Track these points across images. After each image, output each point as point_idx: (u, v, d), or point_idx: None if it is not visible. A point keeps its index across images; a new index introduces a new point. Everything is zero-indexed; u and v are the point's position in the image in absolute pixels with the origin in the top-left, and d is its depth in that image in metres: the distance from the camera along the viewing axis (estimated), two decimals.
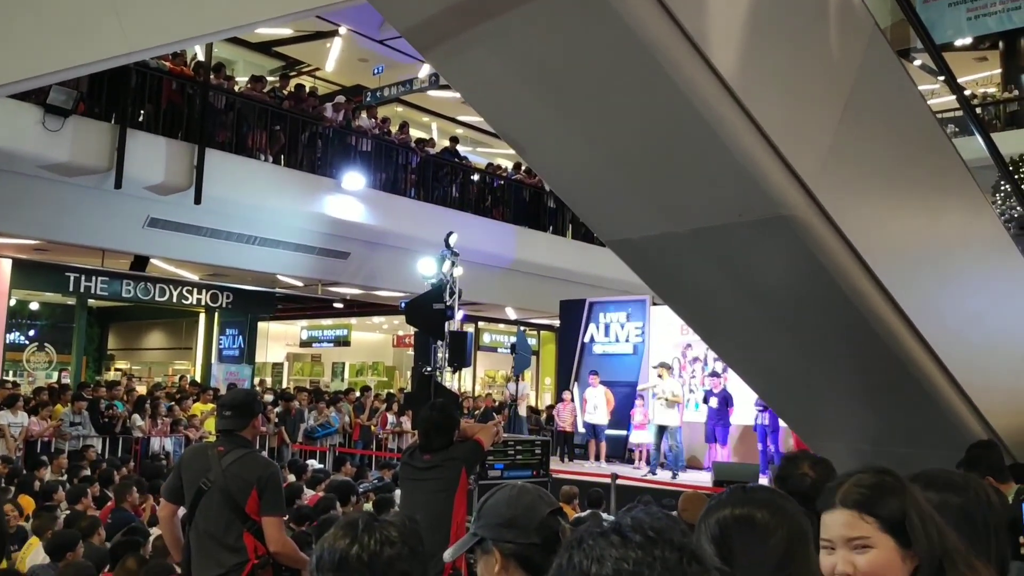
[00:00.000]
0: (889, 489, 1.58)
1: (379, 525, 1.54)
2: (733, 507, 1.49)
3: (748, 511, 1.47)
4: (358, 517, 1.57)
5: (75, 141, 11.17)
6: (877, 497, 1.57)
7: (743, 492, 1.55)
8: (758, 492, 1.56)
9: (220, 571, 3.64)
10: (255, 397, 4.39)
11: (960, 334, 5.06)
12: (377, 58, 18.52)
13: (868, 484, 1.59)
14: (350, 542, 1.51)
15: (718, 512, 1.49)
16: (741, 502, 1.50)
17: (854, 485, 1.57)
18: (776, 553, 1.42)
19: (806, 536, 1.49)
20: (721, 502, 1.52)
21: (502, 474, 5.63)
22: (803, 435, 7.37)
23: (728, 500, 1.52)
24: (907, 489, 1.61)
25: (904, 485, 1.61)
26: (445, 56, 4.30)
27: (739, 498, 1.52)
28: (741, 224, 4.21)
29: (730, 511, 1.48)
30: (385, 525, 1.55)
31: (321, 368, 24.65)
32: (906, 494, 1.58)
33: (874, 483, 1.59)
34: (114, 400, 13.07)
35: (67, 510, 7.48)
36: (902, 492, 1.59)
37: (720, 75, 3.66)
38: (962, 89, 6.00)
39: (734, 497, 1.53)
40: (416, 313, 10.26)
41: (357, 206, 14.51)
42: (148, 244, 13.54)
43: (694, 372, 13.87)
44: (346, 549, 1.50)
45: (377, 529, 1.53)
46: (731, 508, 1.49)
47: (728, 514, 1.47)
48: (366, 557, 1.49)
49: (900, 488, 1.60)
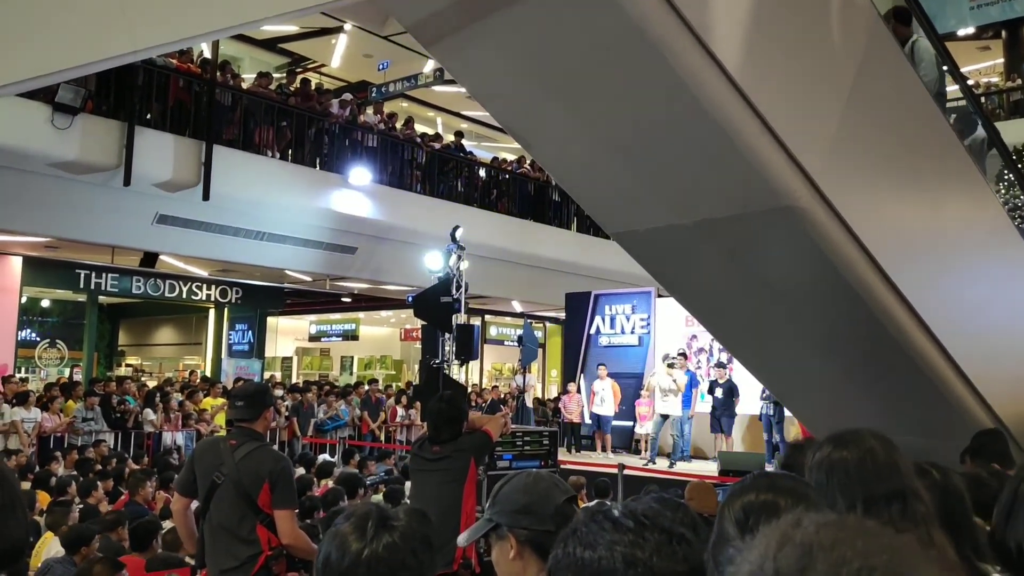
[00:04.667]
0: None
1: (390, 523, 1.51)
2: (758, 492, 1.51)
3: (773, 497, 1.49)
4: (368, 513, 1.54)
5: (84, 139, 11.23)
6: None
7: (769, 478, 1.59)
8: (784, 480, 1.58)
9: (235, 563, 3.69)
10: (267, 389, 4.45)
11: (965, 323, 5.09)
12: (382, 54, 18.55)
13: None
14: (361, 543, 1.48)
15: (743, 497, 1.52)
16: (766, 488, 1.53)
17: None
18: None
19: None
20: (745, 487, 1.55)
21: (510, 464, 5.68)
22: (808, 425, 7.41)
23: (753, 485, 1.55)
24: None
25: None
26: (451, 51, 4.34)
27: (764, 484, 1.55)
28: (745, 215, 4.24)
29: (755, 496, 1.50)
30: (396, 521, 1.52)
31: (330, 362, 24.74)
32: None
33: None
34: (125, 395, 13.17)
35: (80, 504, 7.57)
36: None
37: (723, 67, 3.69)
38: (964, 78, 6.01)
39: (759, 483, 1.55)
40: (424, 306, 10.31)
41: (364, 201, 14.56)
42: (157, 241, 13.61)
43: (699, 363, 13.90)
44: (358, 551, 1.47)
45: (388, 529, 1.50)
46: (756, 493, 1.51)
47: (753, 499, 1.49)
48: (377, 557, 1.46)
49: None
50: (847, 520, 0.62)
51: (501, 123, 4.87)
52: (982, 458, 3.64)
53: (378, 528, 1.50)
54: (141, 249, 14.37)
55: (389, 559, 1.47)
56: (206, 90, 12.84)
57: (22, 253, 14.67)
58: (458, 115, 23.00)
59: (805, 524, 0.63)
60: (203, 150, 12.39)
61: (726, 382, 12.43)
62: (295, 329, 24.39)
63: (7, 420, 11.12)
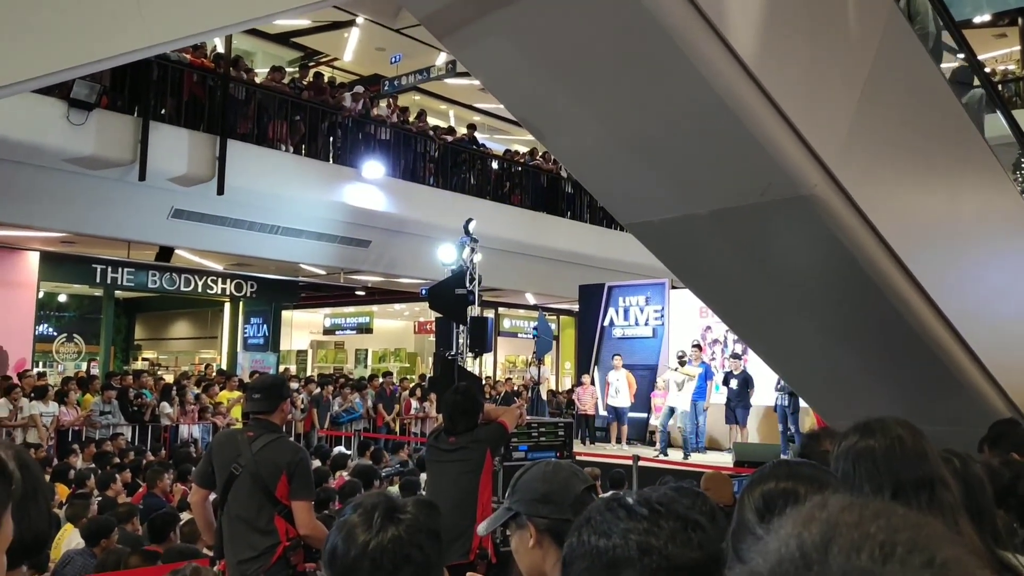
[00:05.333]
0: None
1: (396, 515, 1.50)
2: (778, 481, 1.50)
3: (793, 485, 1.48)
4: (376, 504, 1.52)
5: (99, 134, 11.29)
6: None
7: (788, 466, 1.58)
8: (803, 467, 1.57)
9: (253, 554, 3.72)
10: (284, 381, 4.47)
11: (982, 310, 5.06)
12: (395, 47, 18.54)
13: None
14: (367, 535, 1.47)
15: (763, 485, 1.51)
16: (787, 476, 1.52)
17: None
18: None
19: None
20: (765, 475, 1.54)
21: (526, 455, 5.69)
22: (825, 415, 7.38)
23: (772, 473, 1.54)
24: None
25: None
26: (463, 43, 4.34)
27: (785, 472, 1.54)
28: (761, 205, 4.22)
29: (775, 484, 1.49)
30: (402, 514, 1.51)
31: (344, 355, 24.83)
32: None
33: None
34: (142, 389, 13.27)
35: (98, 497, 7.64)
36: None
37: (739, 56, 3.67)
38: (983, 65, 5.96)
39: (780, 471, 1.54)
40: (438, 299, 10.32)
41: (377, 194, 14.59)
42: (172, 235, 13.68)
43: (714, 354, 13.86)
44: (364, 543, 1.46)
45: (394, 521, 1.49)
46: (776, 481, 1.50)
47: (773, 487, 1.49)
48: (383, 549, 1.46)
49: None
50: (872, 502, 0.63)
51: (514, 114, 4.86)
52: (1000, 447, 3.62)
53: (385, 520, 1.49)
54: (156, 243, 14.44)
55: (394, 552, 1.46)
56: (220, 85, 12.89)
57: (39, 248, 14.77)
58: (471, 108, 22.97)
59: (831, 504, 0.64)
60: (217, 144, 12.44)
61: (741, 373, 12.41)
62: (310, 323, 24.48)
63: (26, 414, 11.23)
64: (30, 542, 1.38)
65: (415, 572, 1.47)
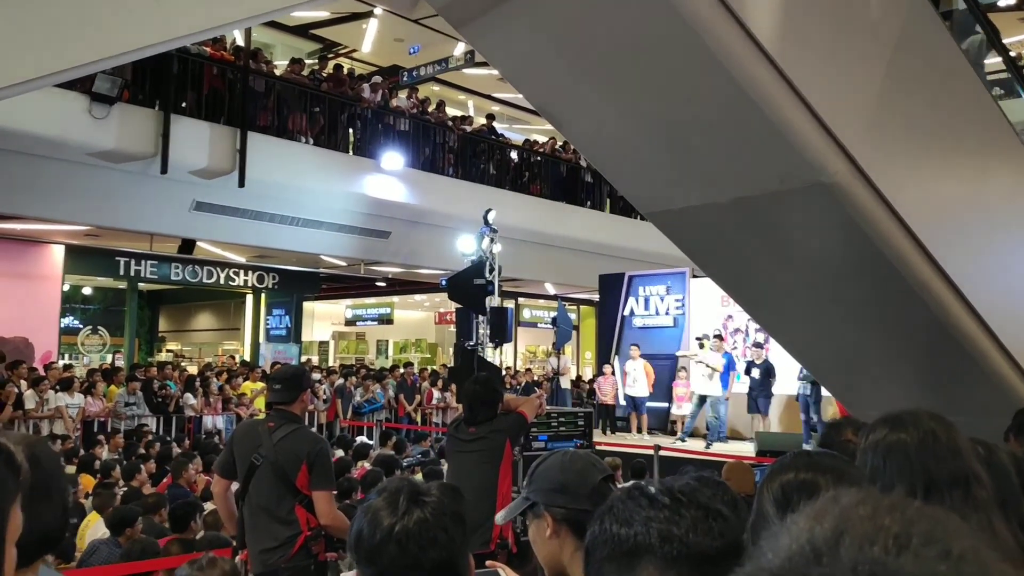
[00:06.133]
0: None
1: (421, 498, 1.51)
2: (798, 471, 1.48)
3: (813, 476, 1.46)
4: (401, 488, 1.52)
5: (121, 128, 11.37)
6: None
7: (808, 457, 1.55)
8: (824, 458, 1.55)
9: (274, 543, 3.74)
10: (304, 372, 4.49)
11: (1007, 298, 4.99)
12: (413, 37, 18.52)
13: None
14: (392, 518, 1.47)
15: (782, 475, 1.49)
16: (807, 467, 1.49)
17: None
18: None
19: None
20: (785, 466, 1.52)
21: (546, 445, 5.69)
22: (847, 404, 7.32)
23: (793, 464, 1.51)
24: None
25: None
26: (481, 32, 4.32)
27: (804, 462, 1.51)
28: (782, 192, 4.19)
29: (794, 475, 1.47)
30: (427, 497, 1.51)
31: (366, 346, 24.95)
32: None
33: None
34: (166, 380, 13.40)
35: (124, 487, 7.72)
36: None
37: (758, 42, 3.63)
38: (1007, 50, 5.86)
39: (799, 461, 1.52)
40: (458, 289, 10.33)
41: (397, 185, 14.61)
42: (195, 227, 13.78)
43: (735, 343, 13.79)
44: (389, 526, 1.46)
45: (419, 504, 1.49)
46: (795, 472, 1.48)
47: (792, 478, 1.47)
48: (408, 532, 1.46)
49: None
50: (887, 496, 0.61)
51: (533, 104, 4.84)
52: None
53: (410, 503, 1.49)
54: (179, 236, 14.56)
55: (420, 535, 1.47)
56: (239, 77, 12.94)
57: (63, 241, 14.93)
58: (490, 98, 22.92)
59: (844, 498, 0.62)
60: (238, 137, 12.50)
61: (763, 362, 12.34)
62: (331, 314, 24.61)
63: (52, 406, 11.37)
64: (39, 537, 1.37)
65: (440, 555, 1.48)
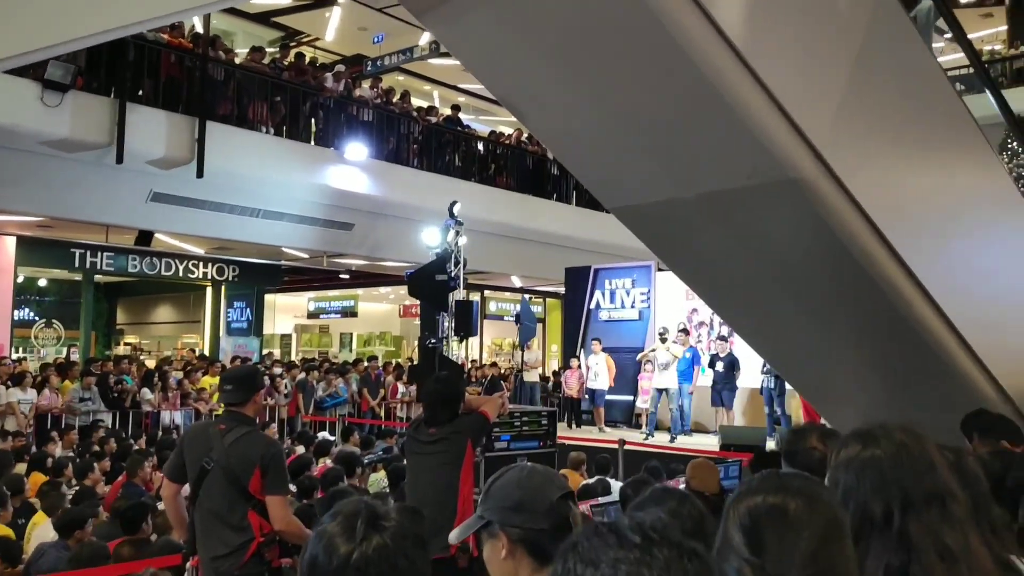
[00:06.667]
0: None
1: (380, 523, 1.42)
2: (766, 495, 1.39)
3: (782, 500, 1.37)
4: (357, 512, 1.43)
5: (75, 116, 11.08)
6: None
7: (777, 478, 1.45)
8: (793, 480, 1.44)
9: (226, 550, 3.61)
10: (257, 372, 4.35)
11: (971, 295, 4.98)
12: (377, 26, 18.31)
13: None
14: (350, 545, 1.38)
15: (749, 499, 1.39)
16: (775, 490, 1.40)
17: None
18: (809, 547, 1.31)
19: (842, 530, 1.38)
20: (752, 489, 1.42)
21: (508, 445, 5.59)
22: (813, 400, 7.33)
23: (760, 487, 1.41)
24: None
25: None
26: (443, 21, 4.20)
27: (773, 485, 1.42)
28: (749, 188, 4.12)
29: (762, 499, 1.38)
30: (386, 521, 1.43)
31: (329, 339, 24.70)
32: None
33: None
34: (123, 375, 13.11)
35: (76, 486, 7.51)
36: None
37: (726, 35, 3.55)
38: (972, 46, 5.87)
39: (767, 484, 1.42)
40: (419, 285, 10.21)
41: (360, 177, 14.42)
42: (152, 219, 13.49)
43: (700, 337, 13.82)
44: (347, 553, 1.38)
45: (378, 529, 1.41)
46: (763, 496, 1.38)
47: (760, 502, 1.37)
48: (367, 560, 1.37)
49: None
50: None
51: (496, 95, 4.73)
52: (991, 436, 3.55)
53: (368, 528, 1.40)
54: (136, 227, 14.26)
55: (380, 561, 1.38)
56: (198, 65, 12.66)
57: (16, 233, 14.56)
58: (455, 88, 22.77)
59: None
60: (196, 126, 12.24)
61: (727, 356, 12.38)
62: (293, 306, 24.32)
63: (3, 401, 11.06)
64: None
65: None
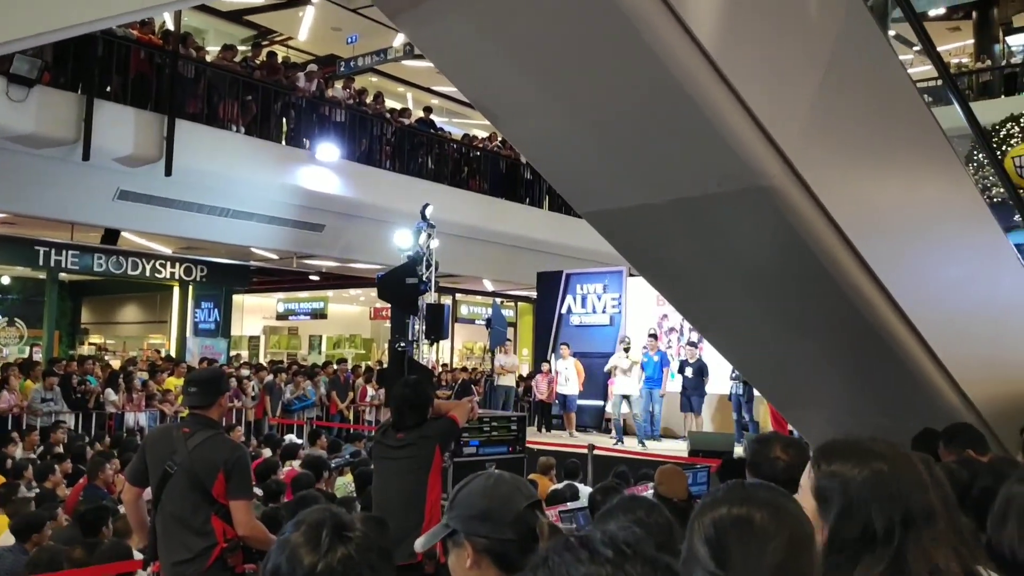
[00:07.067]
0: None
1: (345, 533, 1.40)
2: (731, 506, 1.36)
3: (747, 512, 1.34)
4: (322, 521, 1.42)
5: (40, 112, 10.90)
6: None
7: (743, 489, 1.42)
8: (759, 491, 1.42)
9: (188, 555, 3.55)
10: (222, 375, 4.29)
11: (937, 304, 5.04)
12: (351, 27, 18.22)
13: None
14: (314, 556, 1.37)
15: (714, 511, 1.36)
16: (740, 501, 1.37)
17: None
18: (775, 559, 1.29)
19: (808, 541, 1.36)
20: (717, 500, 1.39)
21: (477, 451, 5.55)
22: (780, 406, 7.38)
23: (725, 498, 1.39)
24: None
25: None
26: (416, 22, 4.17)
27: (738, 496, 1.38)
28: (719, 195, 4.13)
29: (727, 510, 1.35)
30: (351, 532, 1.41)
31: (298, 341, 24.49)
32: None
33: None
34: (87, 375, 12.89)
35: (36, 488, 7.37)
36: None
37: (699, 43, 3.56)
38: (941, 58, 5.94)
39: (732, 495, 1.39)
40: (389, 288, 10.15)
41: (331, 178, 14.31)
42: (118, 217, 13.29)
43: (670, 342, 13.88)
44: (311, 564, 1.36)
45: (343, 540, 1.39)
46: (728, 507, 1.36)
47: (725, 513, 1.35)
48: (332, 571, 1.36)
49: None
50: None
51: (468, 98, 4.70)
52: (956, 445, 3.59)
53: (333, 539, 1.39)
54: (102, 226, 14.04)
55: (345, 573, 1.36)
56: (168, 62, 12.50)
57: None
58: (429, 90, 22.71)
59: None
60: (165, 124, 12.09)
61: (696, 361, 12.45)
62: (262, 307, 24.10)
63: None
64: None
65: None
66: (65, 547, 4.92)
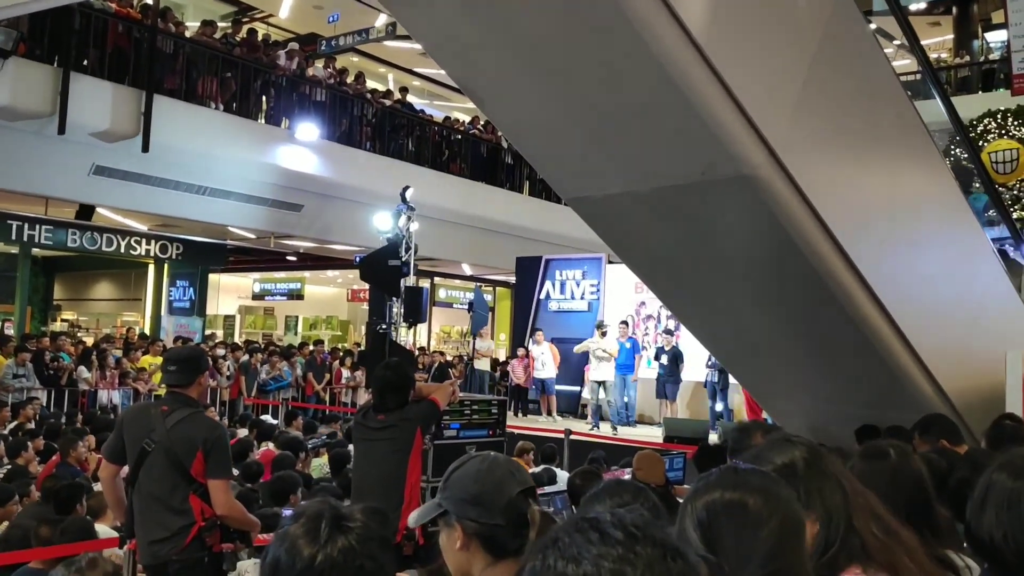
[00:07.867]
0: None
1: (345, 524, 1.39)
2: (723, 491, 1.36)
3: (740, 496, 1.35)
4: (321, 513, 1.41)
5: (15, 84, 10.71)
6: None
7: (735, 474, 1.42)
8: (752, 476, 1.42)
9: (166, 534, 3.52)
10: (202, 353, 4.25)
11: (914, 296, 5.10)
12: (332, 5, 18.03)
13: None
14: (314, 547, 1.36)
15: (706, 495, 1.37)
16: (732, 486, 1.37)
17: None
18: (767, 544, 1.31)
19: (800, 527, 1.38)
20: (710, 484, 1.39)
21: (458, 434, 5.56)
22: (757, 395, 7.45)
23: (718, 482, 1.39)
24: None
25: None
26: (404, 3, 4.14)
27: (730, 481, 1.39)
28: (703, 183, 4.15)
29: (720, 495, 1.36)
30: (351, 522, 1.40)
31: (274, 321, 24.33)
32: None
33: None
34: (60, 352, 12.75)
35: (8, 465, 7.29)
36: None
37: (688, 30, 3.56)
38: (924, 52, 5.99)
39: (725, 479, 1.40)
40: (371, 269, 10.10)
41: (311, 157, 14.20)
42: (94, 193, 13.11)
43: (647, 329, 13.94)
44: (311, 556, 1.35)
45: (343, 531, 1.38)
46: (721, 492, 1.36)
47: (718, 498, 1.35)
48: (332, 562, 1.35)
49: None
50: None
51: (454, 79, 4.68)
52: (930, 435, 3.63)
53: (332, 530, 1.38)
54: (77, 201, 13.85)
55: (345, 564, 1.35)
56: (147, 37, 12.32)
57: None
58: (411, 72, 22.55)
59: None
60: (143, 99, 11.92)
61: (672, 349, 12.51)
62: (238, 287, 23.90)
63: None
64: None
65: None
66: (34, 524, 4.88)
